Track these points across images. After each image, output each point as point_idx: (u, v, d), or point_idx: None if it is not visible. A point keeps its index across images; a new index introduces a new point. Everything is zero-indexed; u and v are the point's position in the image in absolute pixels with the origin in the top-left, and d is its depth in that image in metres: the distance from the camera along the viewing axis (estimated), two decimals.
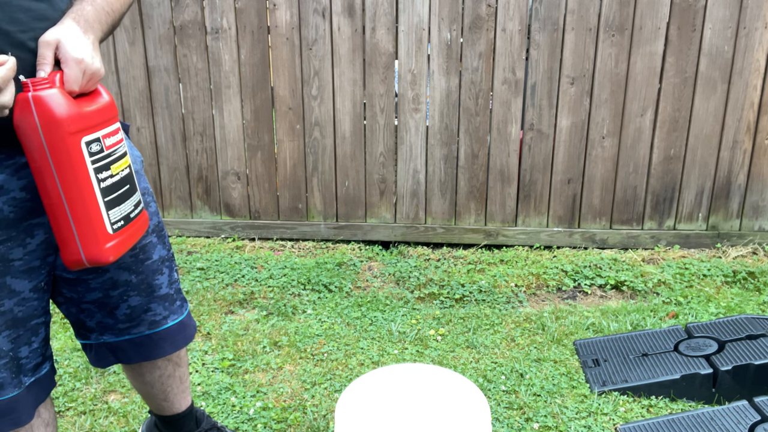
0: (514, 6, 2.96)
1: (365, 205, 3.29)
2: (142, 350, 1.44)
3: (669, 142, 3.09)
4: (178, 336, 1.48)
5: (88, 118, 1.06)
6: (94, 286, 1.33)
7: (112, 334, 1.41)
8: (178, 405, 1.64)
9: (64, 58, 1.04)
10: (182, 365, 1.60)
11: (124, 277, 1.35)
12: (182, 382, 1.61)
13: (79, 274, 1.30)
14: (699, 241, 3.20)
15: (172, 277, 1.45)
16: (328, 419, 2.02)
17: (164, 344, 1.46)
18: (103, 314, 1.38)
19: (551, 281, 2.93)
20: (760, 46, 2.94)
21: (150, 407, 1.67)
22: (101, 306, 1.36)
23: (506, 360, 2.32)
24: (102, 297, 1.35)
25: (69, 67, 1.04)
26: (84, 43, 1.07)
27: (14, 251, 1.15)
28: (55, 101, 1.00)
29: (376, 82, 3.10)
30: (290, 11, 3.05)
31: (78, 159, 1.04)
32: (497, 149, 3.16)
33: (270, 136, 3.24)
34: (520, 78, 3.05)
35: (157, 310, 1.42)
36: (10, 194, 1.12)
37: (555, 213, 3.23)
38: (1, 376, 1.17)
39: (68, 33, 1.05)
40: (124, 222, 1.16)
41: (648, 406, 2.04)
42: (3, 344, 1.16)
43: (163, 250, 1.42)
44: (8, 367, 1.18)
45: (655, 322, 2.55)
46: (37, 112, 1.00)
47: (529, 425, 1.97)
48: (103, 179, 1.10)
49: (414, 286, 2.90)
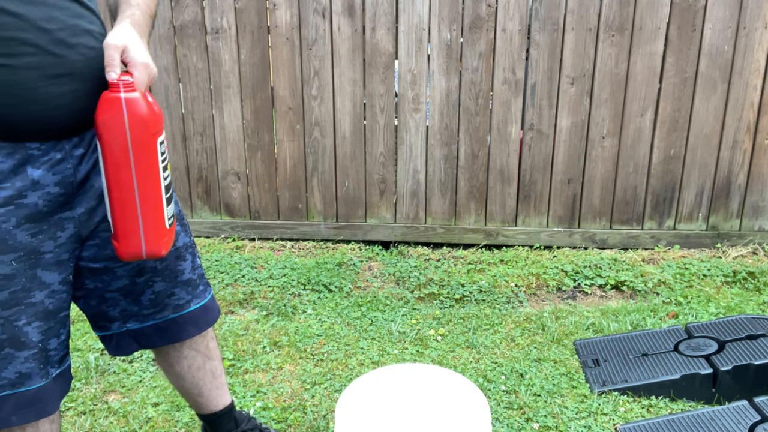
0: (514, 6, 2.96)
1: (365, 205, 3.29)
2: (167, 334, 1.47)
3: (669, 142, 3.09)
4: (201, 319, 1.51)
5: (160, 120, 1.14)
6: (121, 274, 1.36)
7: (136, 320, 1.43)
8: (215, 402, 1.65)
9: (133, 62, 1.10)
10: (213, 358, 1.62)
11: (150, 263, 1.38)
12: (215, 378, 1.63)
13: (107, 263, 1.33)
14: (699, 241, 3.20)
15: (195, 263, 1.48)
16: (328, 419, 2.02)
17: (188, 327, 1.49)
18: (128, 302, 1.40)
19: (551, 281, 2.93)
20: (760, 46, 2.94)
21: (192, 407, 1.70)
22: (126, 293, 1.39)
23: (506, 360, 2.32)
24: (128, 284, 1.37)
25: (138, 70, 1.10)
26: (145, 48, 1.14)
27: (46, 244, 1.18)
28: (143, 103, 1.08)
29: (376, 82, 3.10)
30: (290, 11, 3.05)
31: (154, 157, 1.12)
32: (497, 149, 3.16)
33: (270, 136, 3.24)
34: (520, 78, 3.05)
35: (180, 294, 1.45)
36: (44, 189, 1.16)
37: (555, 213, 3.23)
38: (29, 367, 1.20)
39: (133, 38, 1.12)
40: (173, 218, 1.25)
41: (648, 406, 2.04)
42: (33, 335, 1.19)
43: (186, 238, 1.46)
44: (37, 357, 1.21)
45: (655, 322, 2.55)
46: (128, 112, 1.06)
47: (529, 425, 1.97)
48: (165, 178, 1.17)
49: (414, 286, 2.90)
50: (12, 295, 1.15)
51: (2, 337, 1.16)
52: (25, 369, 1.20)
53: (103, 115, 1.07)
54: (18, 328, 1.17)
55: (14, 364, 1.18)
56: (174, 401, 2.10)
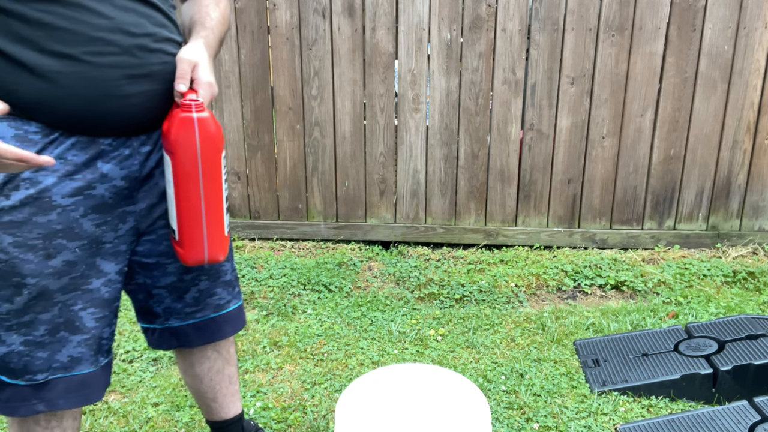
0: (514, 6, 2.96)
1: (365, 205, 3.29)
2: (205, 333, 1.51)
3: (669, 142, 3.09)
4: (238, 319, 1.55)
5: (223, 137, 1.23)
6: (171, 271, 1.40)
7: (178, 318, 1.46)
8: (227, 409, 1.67)
9: (199, 81, 1.17)
10: (231, 364, 1.64)
11: None
12: (231, 383, 1.65)
13: (159, 259, 1.37)
14: (699, 241, 3.20)
15: (233, 265, 1.53)
16: (328, 419, 2.02)
17: (227, 326, 1.53)
18: (173, 299, 1.44)
19: (551, 281, 2.93)
20: (760, 46, 2.94)
21: (203, 412, 1.70)
22: (173, 290, 1.42)
23: (506, 360, 2.32)
24: (175, 281, 1.41)
25: (203, 88, 1.17)
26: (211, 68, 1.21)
27: (107, 234, 1.24)
28: (212, 123, 1.17)
29: (376, 82, 3.10)
30: (290, 11, 3.05)
31: (219, 172, 1.22)
32: (497, 149, 3.16)
33: (270, 136, 3.24)
34: (520, 78, 3.05)
35: (221, 294, 1.49)
36: (112, 182, 1.23)
37: (555, 213, 3.23)
38: (81, 351, 1.24)
39: (204, 56, 1.20)
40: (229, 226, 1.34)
41: (648, 406, 2.04)
42: (87, 321, 1.24)
43: None
44: (89, 344, 1.26)
45: (655, 322, 2.55)
46: (199, 131, 1.15)
47: (529, 425, 1.97)
48: (225, 189, 1.27)
49: (414, 286, 2.90)
50: (72, 281, 1.21)
51: (59, 321, 1.21)
52: (77, 353, 1.24)
53: (177, 133, 1.15)
54: (74, 313, 1.22)
55: (67, 348, 1.23)
56: (174, 401, 2.10)
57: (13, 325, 1.19)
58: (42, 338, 1.21)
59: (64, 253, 1.19)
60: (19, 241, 1.15)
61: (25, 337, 1.20)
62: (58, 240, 1.18)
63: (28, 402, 1.23)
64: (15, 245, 1.14)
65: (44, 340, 1.21)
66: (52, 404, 1.24)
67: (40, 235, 1.16)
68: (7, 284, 1.16)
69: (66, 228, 1.18)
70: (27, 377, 1.22)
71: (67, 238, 1.19)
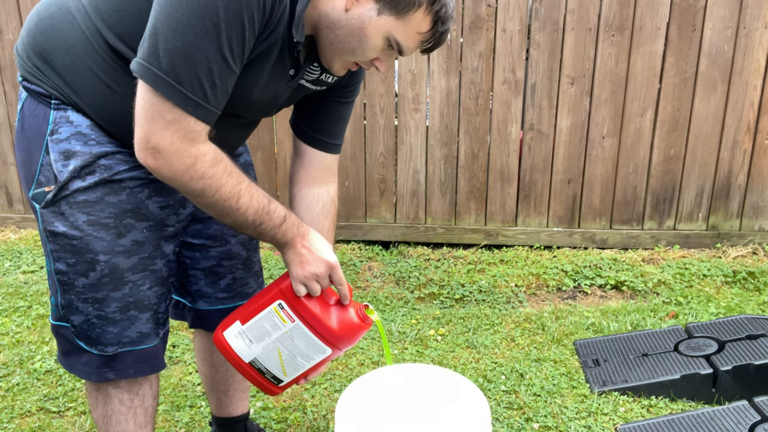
0: (514, 6, 2.96)
1: (365, 205, 3.29)
2: None
3: (669, 142, 3.08)
4: None
5: None
6: (213, 254, 1.48)
7: (207, 302, 1.53)
8: (235, 406, 1.72)
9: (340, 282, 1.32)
10: None
11: (238, 250, 1.51)
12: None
13: (205, 241, 1.46)
14: (699, 241, 3.20)
15: (259, 256, 1.62)
16: (328, 419, 2.02)
17: None
18: (206, 282, 1.51)
19: (551, 281, 2.93)
20: (760, 46, 2.94)
21: (210, 405, 1.75)
22: (209, 274, 1.50)
23: (506, 360, 2.32)
24: (214, 265, 1.49)
25: (344, 287, 1.33)
26: None
27: (170, 218, 1.33)
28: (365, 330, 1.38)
29: (376, 82, 3.10)
30: None
31: None
32: (497, 149, 3.16)
33: (270, 136, 3.24)
34: (520, 78, 3.05)
35: (251, 283, 1.57)
36: None
37: (555, 213, 3.23)
38: (149, 327, 1.33)
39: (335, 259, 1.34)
40: None
41: (648, 406, 2.04)
42: (152, 298, 1.33)
43: None
44: (153, 319, 1.34)
45: (655, 322, 2.55)
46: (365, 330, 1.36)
47: (529, 425, 1.97)
48: None
49: (414, 286, 2.90)
50: (141, 261, 1.29)
51: (129, 300, 1.29)
52: (146, 329, 1.33)
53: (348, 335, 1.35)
54: (143, 292, 1.30)
55: (137, 325, 1.31)
56: (174, 401, 2.10)
57: (88, 298, 1.27)
58: (113, 315, 1.28)
59: (133, 233, 1.26)
60: (93, 220, 1.22)
61: (98, 312, 1.28)
62: (128, 219, 1.25)
63: (99, 369, 1.32)
64: (89, 223, 1.22)
65: (115, 317, 1.29)
66: (123, 374, 1.33)
67: (112, 214, 1.23)
68: (83, 260, 1.24)
69: (134, 208, 1.26)
70: (99, 347, 1.30)
71: (136, 218, 1.26)
